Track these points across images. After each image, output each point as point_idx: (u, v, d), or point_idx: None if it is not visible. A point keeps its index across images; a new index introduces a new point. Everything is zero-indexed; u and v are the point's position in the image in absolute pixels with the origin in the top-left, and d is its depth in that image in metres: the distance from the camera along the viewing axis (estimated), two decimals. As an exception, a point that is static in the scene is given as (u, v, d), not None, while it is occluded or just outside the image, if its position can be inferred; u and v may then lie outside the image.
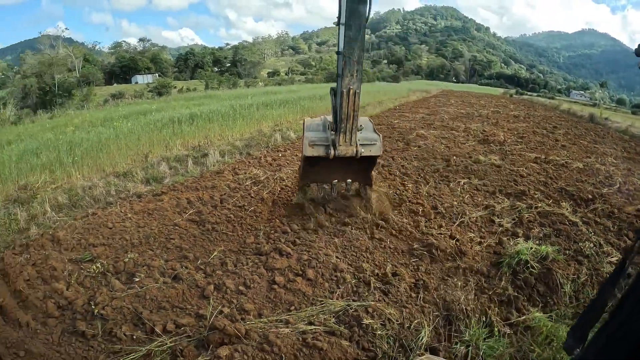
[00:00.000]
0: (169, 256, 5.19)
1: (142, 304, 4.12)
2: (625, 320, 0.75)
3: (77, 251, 5.55)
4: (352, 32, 5.06)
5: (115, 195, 7.55)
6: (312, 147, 5.54)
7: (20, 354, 4.00)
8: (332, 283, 4.43)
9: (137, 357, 3.40)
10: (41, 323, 4.34)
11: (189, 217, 6.43)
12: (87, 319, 4.08)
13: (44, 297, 4.69)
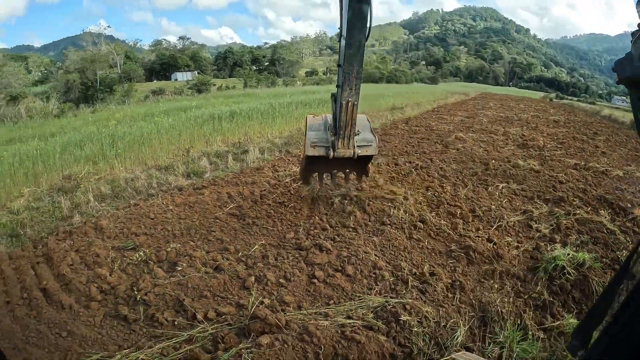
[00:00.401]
0: (210, 248, 5.49)
1: (184, 291, 4.40)
2: (628, 321, 0.76)
3: (119, 239, 5.98)
4: (352, 50, 5.60)
5: (156, 188, 8.05)
6: (314, 148, 6.26)
7: (62, 334, 4.38)
8: (371, 280, 4.69)
9: (179, 341, 3.64)
10: (84, 306, 4.72)
11: (230, 211, 6.78)
12: (130, 304, 4.40)
13: (87, 282, 5.10)
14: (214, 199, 7.26)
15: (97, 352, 3.82)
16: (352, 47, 5.57)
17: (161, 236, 5.89)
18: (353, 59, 5.65)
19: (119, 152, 10.12)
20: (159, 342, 3.72)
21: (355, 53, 5.60)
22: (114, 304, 4.52)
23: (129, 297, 4.50)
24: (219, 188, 7.88)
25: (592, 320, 0.90)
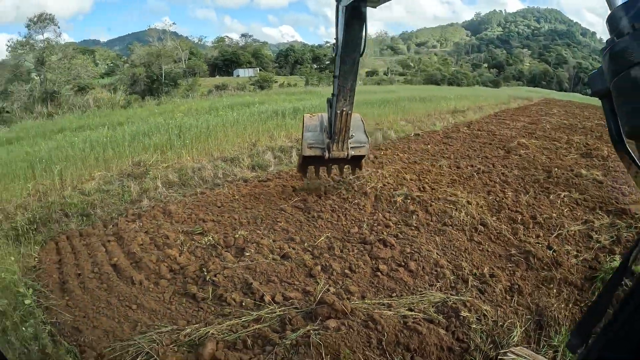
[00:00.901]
0: (276, 237, 5.87)
1: (252, 275, 4.75)
2: (628, 319, 0.79)
3: (187, 224, 6.49)
4: (347, 66, 6.19)
5: (222, 178, 8.61)
6: (310, 149, 7.10)
7: (132, 307, 4.84)
8: (432, 277, 4.97)
9: (248, 320, 3.95)
10: (153, 283, 5.19)
11: (294, 203, 7.20)
12: (199, 284, 4.81)
13: (157, 261, 5.60)
14: (279, 192, 7.68)
15: (166, 325, 4.20)
16: (347, 63, 6.16)
17: (228, 223, 6.34)
18: (348, 74, 6.27)
19: (186, 143, 10.85)
20: (227, 320, 4.03)
21: (350, 69, 6.21)
22: (183, 283, 4.94)
23: (198, 277, 4.90)
24: (283, 181, 8.31)
25: (592, 318, 0.95)
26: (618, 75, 0.96)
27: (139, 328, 4.31)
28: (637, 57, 0.91)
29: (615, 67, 0.97)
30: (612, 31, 1.01)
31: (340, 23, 6.03)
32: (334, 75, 6.65)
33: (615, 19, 1.00)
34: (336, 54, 6.33)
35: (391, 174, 9.13)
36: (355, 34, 5.88)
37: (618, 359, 0.80)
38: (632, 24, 0.94)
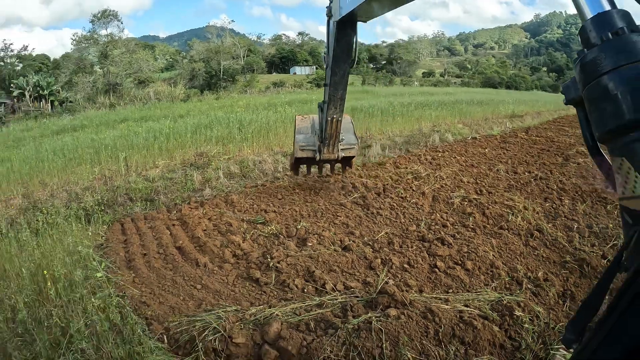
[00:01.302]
0: (336, 230, 6.11)
1: (314, 264, 5.00)
2: (622, 314, 0.81)
3: (249, 214, 6.85)
4: (337, 77, 6.55)
5: (281, 172, 8.97)
6: (302, 151, 7.54)
7: (197, 287, 5.21)
8: (488, 277, 5.12)
9: (311, 305, 4.18)
10: (218, 266, 5.56)
11: (354, 200, 7.43)
12: (262, 269, 5.10)
13: (221, 246, 5.98)
14: (339, 188, 7.93)
15: (230, 305, 4.50)
16: (338, 75, 6.53)
17: (289, 215, 6.64)
18: (338, 84, 6.65)
19: (247, 137, 11.34)
20: (290, 303, 4.29)
21: (340, 80, 6.59)
22: (246, 268, 5.26)
23: (261, 263, 5.20)
24: (343, 178, 8.54)
25: (586, 313, 0.98)
26: (589, 84, 1.05)
27: (204, 306, 4.63)
28: (605, 66, 1.00)
29: (586, 76, 1.07)
30: (583, 43, 1.10)
31: (331, 37, 6.36)
32: (324, 83, 7.03)
33: (585, 32, 1.10)
34: (327, 65, 6.71)
35: (448, 176, 9.25)
36: (346, 47, 6.22)
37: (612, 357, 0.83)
38: (600, 36, 1.04)
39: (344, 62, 6.37)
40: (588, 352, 0.87)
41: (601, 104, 1.03)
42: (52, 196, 9.90)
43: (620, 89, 0.97)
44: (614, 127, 0.99)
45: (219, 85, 53.17)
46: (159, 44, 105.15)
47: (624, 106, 0.96)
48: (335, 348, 3.59)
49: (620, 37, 1.01)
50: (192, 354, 3.78)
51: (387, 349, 3.53)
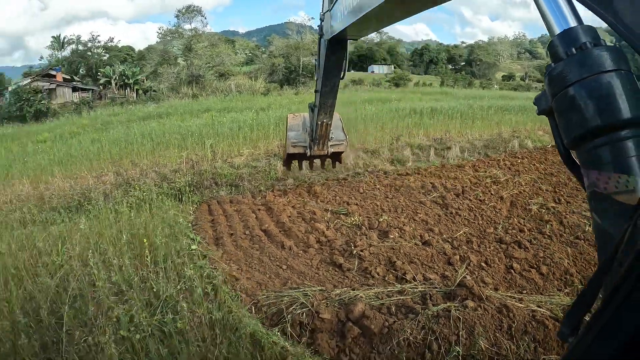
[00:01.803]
0: (416, 226, 6.36)
1: (395, 255, 5.30)
2: (618, 308, 0.81)
3: (332, 204, 7.26)
4: (327, 89, 6.94)
5: (362, 168, 9.31)
6: (294, 147, 8.07)
7: (282, 267, 5.64)
8: (561, 282, 5.22)
9: (392, 291, 4.47)
10: (302, 250, 5.98)
11: (433, 199, 7.62)
12: (345, 256, 5.46)
13: (305, 232, 6.40)
14: (419, 186, 8.13)
15: (314, 286, 4.87)
16: (327, 86, 6.93)
17: (371, 208, 6.97)
18: (328, 95, 7.09)
19: (329, 131, 11.77)
20: (372, 288, 4.60)
21: (330, 91, 7.02)
22: (330, 254, 5.64)
23: (345, 251, 5.57)
24: (422, 177, 8.76)
25: (582, 307, 0.98)
26: (557, 95, 1.15)
27: (289, 284, 5.04)
28: (571, 78, 1.10)
29: (554, 88, 1.16)
30: (552, 57, 1.21)
31: (322, 53, 6.70)
32: (315, 90, 7.41)
33: (553, 47, 1.20)
34: (317, 77, 7.10)
35: (527, 183, 9.23)
36: (336, 64, 6.56)
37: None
38: (565, 51, 1.15)
39: (334, 76, 6.78)
40: (582, 347, 0.89)
41: (568, 114, 1.13)
42: (142, 175, 10.81)
43: (584, 99, 1.07)
44: (580, 134, 1.09)
45: (298, 80, 54.47)
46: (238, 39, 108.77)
47: (588, 115, 1.06)
48: (414, 331, 3.85)
49: (584, 52, 1.11)
50: (279, 325, 4.15)
51: (462, 337, 3.76)
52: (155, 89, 53.79)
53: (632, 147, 1.02)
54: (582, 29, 1.16)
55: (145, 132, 17.82)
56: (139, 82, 56.49)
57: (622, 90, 1.04)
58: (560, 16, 1.23)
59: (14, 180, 12.68)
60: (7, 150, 21.43)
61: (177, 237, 6.21)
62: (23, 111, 42.92)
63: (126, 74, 56.49)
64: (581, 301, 0.97)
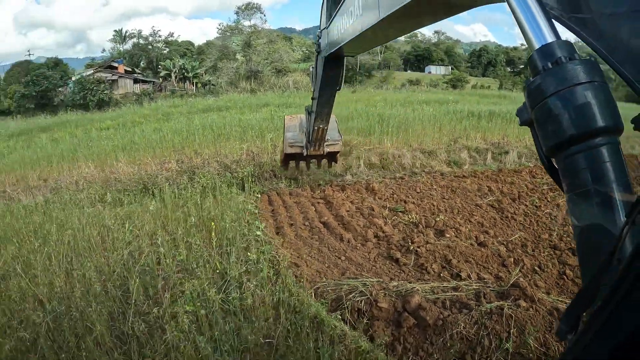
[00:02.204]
0: (472, 227, 6.48)
1: (451, 253, 5.47)
2: (617, 305, 0.80)
3: (389, 202, 7.46)
4: (323, 99, 7.41)
5: (419, 168, 9.45)
6: (291, 147, 8.77)
7: (341, 258, 5.91)
8: None
9: (447, 287, 4.66)
10: (360, 243, 6.23)
11: (489, 202, 7.68)
12: (402, 251, 5.68)
13: (363, 226, 6.65)
14: (475, 189, 8.19)
15: (372, 277, 5.12)
16: (324, 97, 7.36)
17: (427, 208, 7.13)
18: (325, 104, 7.53)
19: (388, 131, 11.97)
20: (428, 283, 4.79)
21: (326, 101, 7.47)
22: (387, 248, 5.87)
23: (402, 246, 5.78)
24: (479, 180, 8.79)
25: (580, 305, 0.98)
26: (535, 106, 1.21)
27: (347, 274, 5.31)
28: (548, 90, 1.16)
29: (532, 100, 1.23)
30: (531, 71, 1.28)
31: (319, 68, 7.10)
32: (312, 97, 7.83)
33: (532, 62, 1.27)
34: (314, 88, 7.57)
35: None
36: (333, 79, 7.01)
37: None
38: (542, 65, 1.22)
39: (330, 87, 7.21)
40: (581, 346, 0.88)
41: (546, 124, 1.19)
42: (205, 164, 11.36)
43: (560, 110, 1.14)
44: (556, 143, 1.16)
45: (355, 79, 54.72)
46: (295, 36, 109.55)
47: (564, 124, 1.13)
48: (467, 325, 4.03)
49: (560, 66, 1.17)
50: (338, 311, 4.40)
51: (513, 334, 3.90)
52: (214, 82, 55.37)
53: (605, 154, 1.09)
54: (558, 44, 1.24)
55: (206, 123, 18.61)
56: (198, 76, 58.31)
57: (595, 100, 1.12)
58: (538, 32, 1.30)
59: (79, 162, 13.65)
60: (72, 136, 22.94)
61: (241, 223, 6.57)
62: (86, 100, 45.64)
63: (186, 67, 58.53)
64: (580, 300, 0.98)
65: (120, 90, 54.38)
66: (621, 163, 1.10)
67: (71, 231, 6.03)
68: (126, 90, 55.10)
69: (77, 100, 45.95)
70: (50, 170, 13.91)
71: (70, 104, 46.51)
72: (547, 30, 1.29)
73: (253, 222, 6.84)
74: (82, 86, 46.97)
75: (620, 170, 1.09)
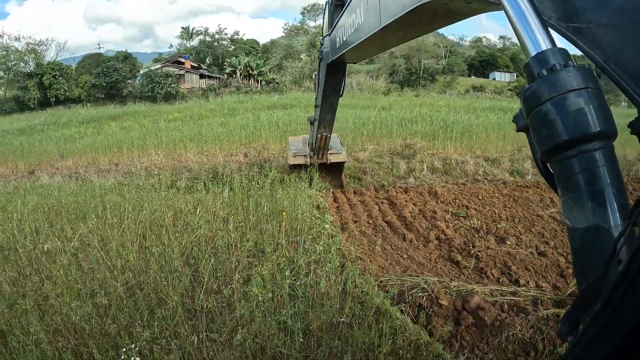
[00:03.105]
0: (532, 237, 6.50)
1: (511, 260, 5.57)
2: (617, 307, 0.80)
3: (452, 206, 7.60)
4: (326, 106, 7.49)
5: (482, 175, 9.47)
6: (295, 157, 8.97)
7: (403, 256, 6.16)
8: None
9: (505, 291, 4.79)
10: (422, 244, 6.43)
11: (551, 214, 7.61)
12: (462, 255, 5.83)
13: (426, 228, 6.84)
14: (537, 200, 8.16)
15: (432, 277, 5.32)
16: (327, 104, 7.44)
17: (489, 215, 7.21)
18: (328, 111, 7.62)
19: (452, 136, 12.02)
20: (488, 286, 4.95)
21: (329, 108, 7.56)
22: (448, 251, 6.04)
23: (462, 250, 5.94)
24: (542, 191, 8.72)
25: (581, 306, 0.97)
26: (531, 113, 1.20)
27: (409, 272, 5.55)
28: (542, 97, 1.15)
29: (528, 106, 1.21)
30: (527, 78, 1.25)
31: (321, 75, 7.16)
32: (315, 105, 7.90)
33: (528, 68, 1.25)
34: (317, 94, 7.63)
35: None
36: (335, 85, 7.07)
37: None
38: (537, 72, 1.19)
39: (333, 96, 7.28)
40: (582, 346, 0.87)
41: (540, 129, 1.18)
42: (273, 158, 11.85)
43: (554, 115, 1.13)
44: (550, 147, 1.15)
45: (418, 82, 53.96)
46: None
47: (558, 129, 1.12)
48: (524, 329, 4.17)
49: (554, 73, 1.16)
50: (400, 304, 4.65)
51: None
52: (278, 81, 56.34)
53: (599, 158, 1.09)
54: (553, 51, 1.22)
55: (272, 120, 19.18)
56: (262, 74, 59.40)
57: (589, 106, 1.12)
58: (534, 39, 1.29)
59: (149, 150, 14.53)
60: (140, 125, 24.19)
61: (309, 216, 6.89)
62: (154, 92, 47.45)
63: (251, 65, 59.67)
64: (580, 301, 0.96)
65: (186, 84, 56.25)
66: (615, 167, 1.11)
67: (146, 211, 6.47)
68: (192, 85, 56.93)
69: (145, 92, 48.11)
70: (121, 155, 14.91)
71: (138, 96, 48.92)
72: (543, 37, 1.29)
73: (321, 216, 7.17)
74: (150, 79, 49.05)
75: (615, 174, 1.09)
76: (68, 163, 14.62)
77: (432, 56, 62.55)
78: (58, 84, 50.23)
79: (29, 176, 13.54)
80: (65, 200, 7.69)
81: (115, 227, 5.98)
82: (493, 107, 25.95)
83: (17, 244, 5.50)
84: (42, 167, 14.60)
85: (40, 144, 19.97)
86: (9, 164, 15.80)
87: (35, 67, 51.75)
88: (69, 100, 50.59)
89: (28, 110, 47.15)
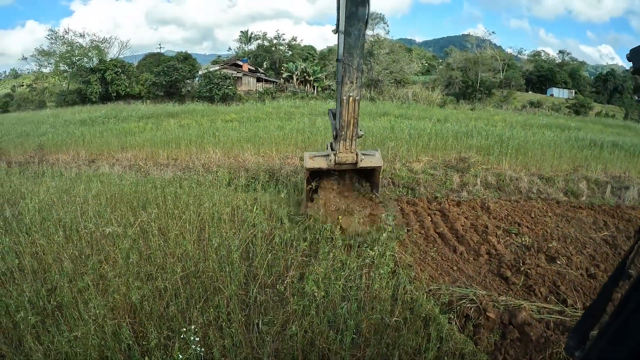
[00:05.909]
0: (583, 259, 6.35)
1: (560, 280, 5.49)
2: (626, 321, 0.79)
3: (504, 222, 7.51)
4: (352, 39, 5.64)
5: (535, 193, 9.23)
6: (312, 160, 6.77)
7: (453, 268, 6.16)
8: None
9: (553, 310, 4.76)
10: (472, 257, 6.43)
11: (603, 237, 7.37)
12: (512, 271, 5.79)
13: (477, 242, 6.82)
14: (590, 222, 7.88)
15: (481, 290, 5.33)
16: (352, 35, 5.63)
17: (540, 233, 7.08)
18: (353, 49, 5.67)
19: (507, 152, 11.75)
20: (534, 303, 4.90)
21: (355, 43, 5.67)
22: (498, 266, 6.01)
23: (512, 266, 5.89)
24: (595, 213, 8.40)
25: (590, 320, 0.96)
26: None
27: (458, 283, 5.58)
28: None
29: None
30: None
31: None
32: (337, 59, 6.18)
33: None
34: (337, 30, 6.03)
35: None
36: (360, 3, 5.53)
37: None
38: None
39: (358, 20, 5.62)
40: (592, 358, 0.86)
41: None
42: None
43: None
44: None
45: (474, 96, 52.58)
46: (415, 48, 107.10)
47: None
48: (570, 348, 4.14)
49: None
50: (448, 314, 4.70)
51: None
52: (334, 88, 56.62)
53: None
54: None
55: (328, 126, 19.16)
56: (319, 80, 59.78)
57: None
58: None
59: (207, 148, 14.97)
60: (198, 124, 24.87)
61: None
62: (212, 93, 48.46)
63: (307, 71, 60.20)
64: (589, 315, 0.95)
65: (243, 87, 57.52)
66: None
67: (206, 205, 6.56)
68: (249, 88, 58.22)
69: (203, 93, 49.25)
70: (179, 151, 15.34)
71: (196, 95, 50.35)
72: None
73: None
74: (209, 80, 50.14)
75: None
76: (128, 155, 15.32)
77: (489, 69, 60.77)
78: (120, 80, 52.62)
79: (89, 164, 14.33)
80: (126, 190, 7.94)
81: (176, 217, 6.18)
82: (550, 124, 24.98)
83: (79, 226, 5.70)
84: (103, 157, 15.42)
85: (102, 135, 20.86)
86: (70, 151, 16.67)
87: (98, 62, 54.47)
88: (129, 96, 52.87)
89: (89, 103, 49.45)
